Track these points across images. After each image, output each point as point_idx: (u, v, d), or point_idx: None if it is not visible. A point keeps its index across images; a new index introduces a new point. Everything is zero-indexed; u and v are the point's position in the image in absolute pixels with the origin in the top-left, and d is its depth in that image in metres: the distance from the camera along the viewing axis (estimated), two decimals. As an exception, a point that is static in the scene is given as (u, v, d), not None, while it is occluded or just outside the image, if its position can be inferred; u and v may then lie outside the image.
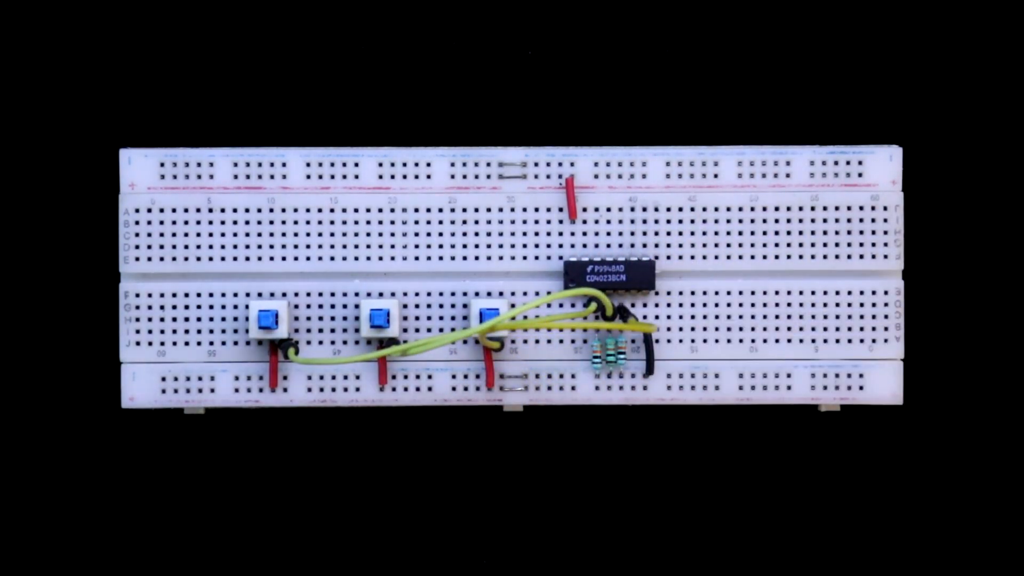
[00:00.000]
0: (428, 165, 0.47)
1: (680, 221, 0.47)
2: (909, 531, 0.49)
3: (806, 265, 0.47)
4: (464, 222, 0.47)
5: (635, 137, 0.49)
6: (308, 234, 0.47)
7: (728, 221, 0.47)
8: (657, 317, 0.47)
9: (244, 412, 0.48)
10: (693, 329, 0.47)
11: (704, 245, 0.47)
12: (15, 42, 0.49)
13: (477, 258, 0.47)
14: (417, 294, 0.47)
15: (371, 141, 0.48)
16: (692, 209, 0.47)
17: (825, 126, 0.49)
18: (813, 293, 0.47)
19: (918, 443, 0.49)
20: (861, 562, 0.49)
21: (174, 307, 0.47)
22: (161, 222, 0.47)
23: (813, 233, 0.47)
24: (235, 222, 0.47)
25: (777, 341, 0.47)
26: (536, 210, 0.47)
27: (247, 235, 0.47)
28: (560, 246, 0.47)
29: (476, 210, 0.47)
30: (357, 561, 0.49)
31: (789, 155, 0.47)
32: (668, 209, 0.47)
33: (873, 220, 0.47)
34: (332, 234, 0.47)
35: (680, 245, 0.47)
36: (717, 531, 0.49)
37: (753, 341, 0.47)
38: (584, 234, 0.47)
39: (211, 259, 0.47)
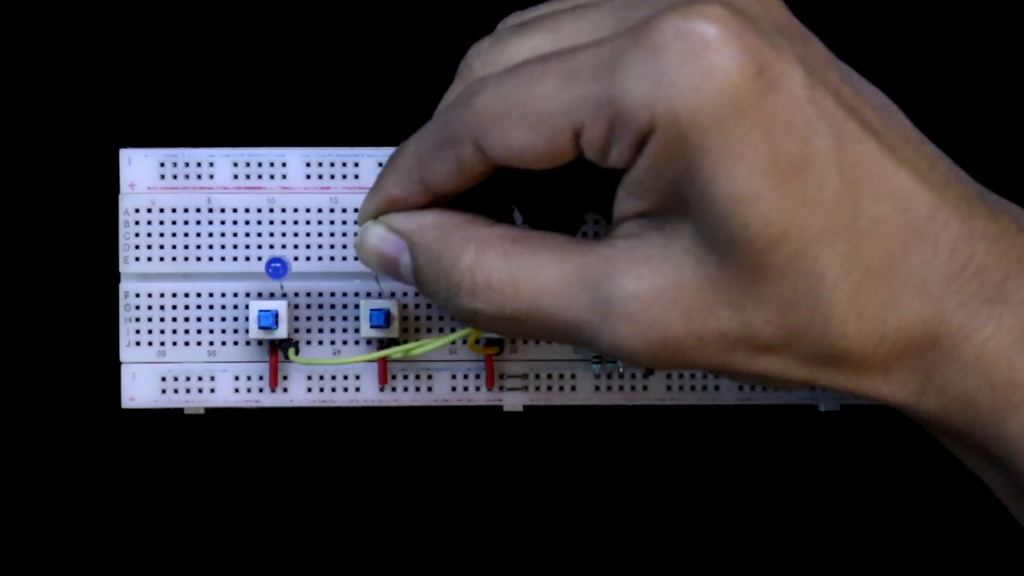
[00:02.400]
0: (428, 165, 0.47)
1: (680, 221, 0.47)
2: (909, 531, 0.49)
3: (806, 265, 0.47)
4: (464, 222, 0.47)
5: (635, 137, 0.48)
6: (308, 234, 0.47)
7: (728, 221, 0.47)
8: (657, 317, 0.47)
9: (244, 412, 0.48)
10: (693, 329, 0.47)
11: (704, 245, 0.47)
12: (15, 42, 0.49)
13: (477, 258, 0.47)
14: (417, 294, 0.47)
15: (371, 141, 0.48)
16: (692, 209, 0.47)
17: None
18: (813, 293, 0.47)
19: (918, 443, 0.49)
20: (861, 562, 0.49)
21: (174, 307, 0.47)
22: (161, 222, 0.47)
23: (813, 233, 0.47)
24: (235, 222, 0.47)
25: (777, 341, 0.47)
26: (536, 210, 0.47)
27: (247, 235, 0.47)
28: (560, 246, 0.47)
29: (476, 210, 0.47)
30: (357, 561, 0.49)
31: (789, 155, 0.47)
32: (668, 209, 0.47)
33: (873, 220, 0.47)
34: (332, 234, 0.47)
35: (680, 245, 0.47)
36: (717, 531, 0.49)
37: (753, 341, 0.47)
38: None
39: (211, 259, 0.47)
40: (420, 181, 0.39)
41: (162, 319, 0.47)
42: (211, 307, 0.47)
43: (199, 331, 0.47)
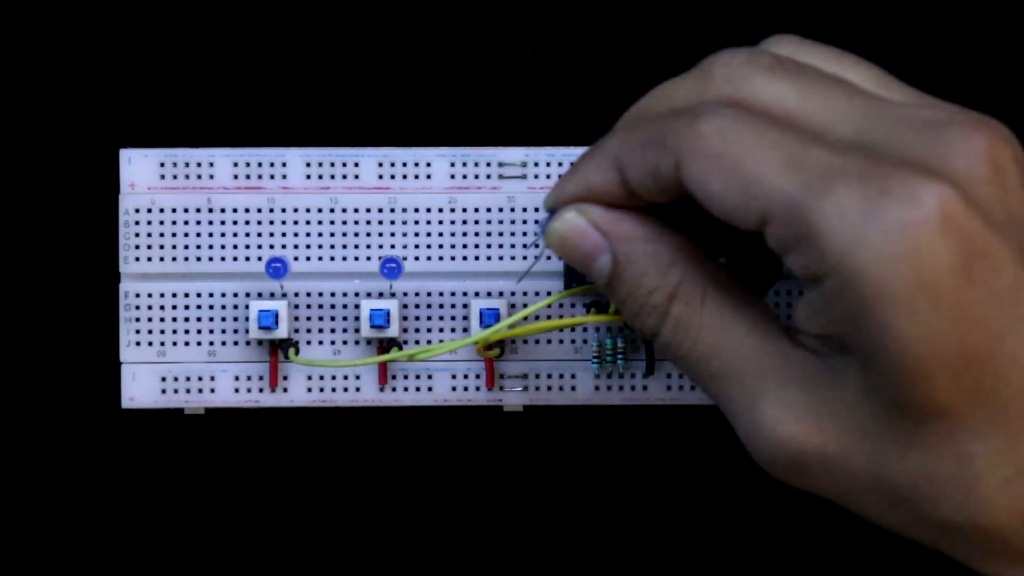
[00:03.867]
0: (428, 165, 0.47)
1: (680, 221, 0.47)
2: (909, 531, 0.49)
3: (806, 265, 0.47)
4: (464, 222, 0.47)
5: (635, 137, 0.48)
6: (308, 234, 0.47)
7: (728, 221, 0.47)
8: (657, 317, 0.47)
9: (244, 412, 0.48)
10: (693, 329, 0.47)
11: (704, 245, 0.47)
12: (15, 42, 0.49)
13: (477, 258, 0.47)
14: (417, 294, 0.47)
15: (371, 141, 0.48)
16: (692, 209, 0.47)
17: (825, 126, 0.49)
18: (813, 293, 0.47)
19: (918, 443, 0.49)
20: (861, 562, 0.49)
21: (174, 307, 0.47)
22: (161, 222, 0.47)
23: (813, 233, 0.47)
24: (235, 222, 0.47)
25: (777, 341, 0.47)
26: (536, 210, 0.47)
27: (247, 235, 0.47)
28: (560, 246, 0.47)
29: (476, 210, 0.47)
30: (357, 561, 0.49)
31: (789, 155, 0.47)
32: (668, 209, 0.47)
33: (873, 220, 0.47)
34: (332, 234, 0.47)
35: (680, 245, 0.47)
36: (717, 531, 0.49)
37: (753, 341, 0.47)
38: (584, 234, 0.47)
39: (211, 259, 0.47)
40: (618, 171, 0.37)
41: (162, 319, 0.47)
42: (211, 307, 0.47)
43: (199, 331, 0.47)
